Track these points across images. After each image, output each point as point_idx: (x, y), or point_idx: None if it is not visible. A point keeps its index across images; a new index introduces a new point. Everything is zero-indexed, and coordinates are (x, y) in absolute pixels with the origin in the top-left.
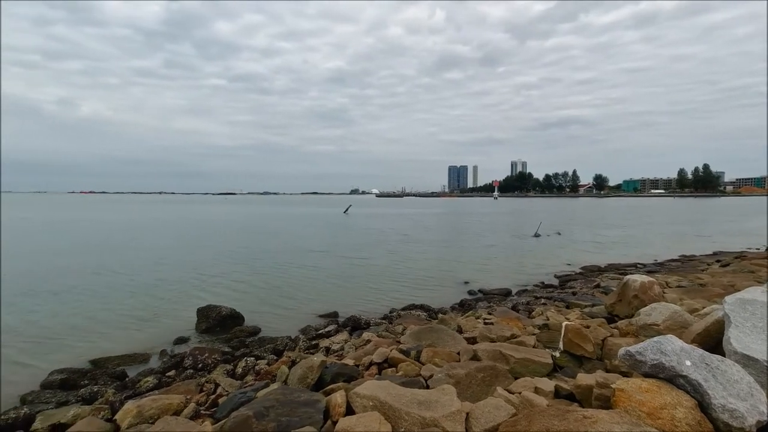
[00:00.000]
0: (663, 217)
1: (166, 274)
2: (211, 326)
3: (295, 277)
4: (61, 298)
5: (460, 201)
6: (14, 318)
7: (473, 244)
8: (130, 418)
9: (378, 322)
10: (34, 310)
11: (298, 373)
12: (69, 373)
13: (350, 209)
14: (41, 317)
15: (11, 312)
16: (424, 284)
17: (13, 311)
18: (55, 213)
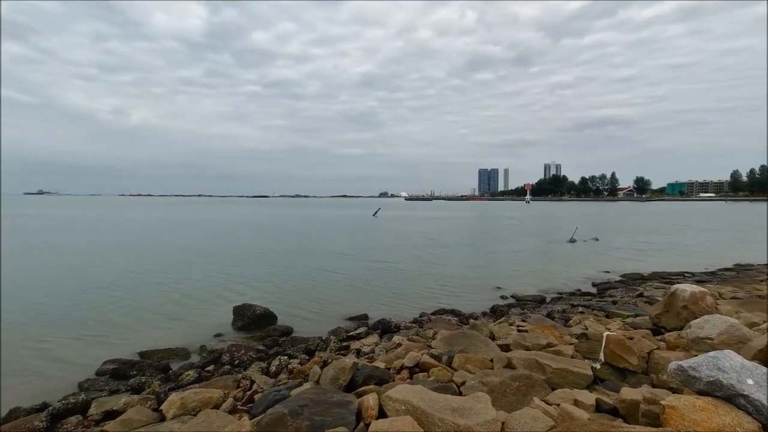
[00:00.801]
0: (713, 223)
1: (204, 272)
2: (246, 324)
3: (326, 279)
4: (111, 293)
5: (490, 204)
6: (75, 311)
7: (504, 248)
8: (175, 409)
9: (408, 326)
10: (88, 304)
11: (330, 374)
12: (119, 363)
13: (379, 212)
14: (95, 311)
15: (71, 305)
16: (453, 289)
17: (71, 305)
18: (105, 214)
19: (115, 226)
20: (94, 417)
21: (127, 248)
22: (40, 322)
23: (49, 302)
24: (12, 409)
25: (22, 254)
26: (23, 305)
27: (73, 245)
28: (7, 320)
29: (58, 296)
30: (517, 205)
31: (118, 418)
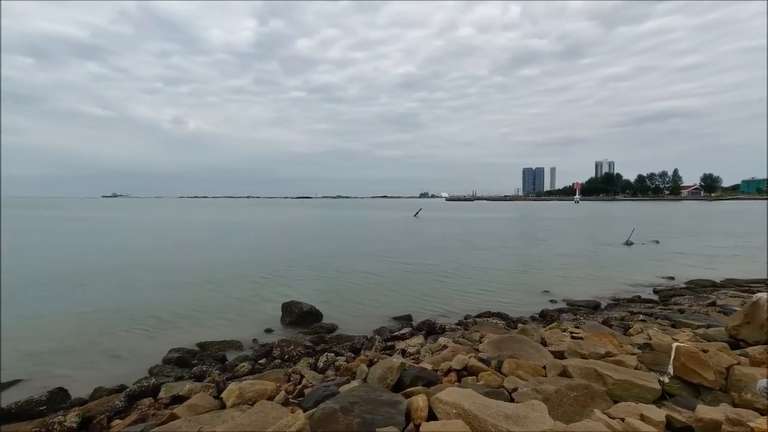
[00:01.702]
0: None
1: (254, 270)
2: (294, 321)
3: (369, 279)
4: (173, 289)
5: (535, 205)
6: (145, 304)
7: (552, 251)
8: (234, 398)
9: (453, 328)
10: (156, 298)
11: (377, 373)
12: (183, 352)
13: (420, 212)
14: (161, 304)
15: (142, 299)
16: (498, 292)
17: (142, 299)
18: (168, 216)
19: (177, 228)
20: (164, 400)
21: (186, 248)
22: (116, 314)
23: (123, 296)
24: (96, 389)
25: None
26: (102, 298)
27: (142, 246)
28: (92, 311)
29: (130, 291)
30: (564, 205)
31: (184, 402)
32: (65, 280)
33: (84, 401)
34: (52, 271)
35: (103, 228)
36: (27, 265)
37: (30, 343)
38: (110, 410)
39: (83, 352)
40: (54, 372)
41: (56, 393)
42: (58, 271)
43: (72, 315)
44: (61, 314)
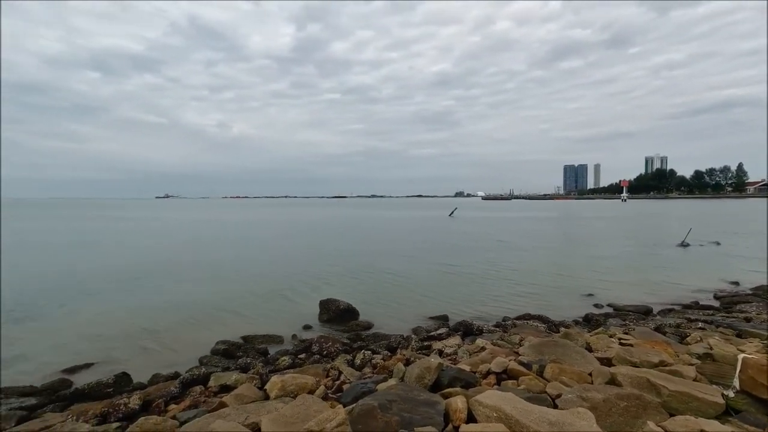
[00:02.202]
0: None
1: (293, 268)
2: (331, 318)
3: (404, 277)
4: (219, 284)
5: (577, 204)
6: (194, 297)
7: (596, 252)
8: (276, 390)
9: (491, 330)
10: (203, 292)
11: (415, 372)
12: (229, 344)
13: (456, 212)
14: (209, 298)
15: (191, 292)
16: (538, 293)
17: (191, 292)
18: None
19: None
20: (213, 388)
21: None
22: (170, 306)
23: (176, 290)
24: (154, 375)
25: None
26: (158, 291)
27: (192, 243)
28: (149, 303)
29: (183, 284)
30: (610, 204)
31: (231, 392)
32: (126, 274)
33: (144, 386)
34: (114, 265)
35: (157, 226)
36: (92, 260)
37: (98, 330)
38: (166, 395)
39: (142, 340)
40: (118, 357)
41: (121, 377)
42: (120, 266)
43: (132, 306)
44: (123, 305)
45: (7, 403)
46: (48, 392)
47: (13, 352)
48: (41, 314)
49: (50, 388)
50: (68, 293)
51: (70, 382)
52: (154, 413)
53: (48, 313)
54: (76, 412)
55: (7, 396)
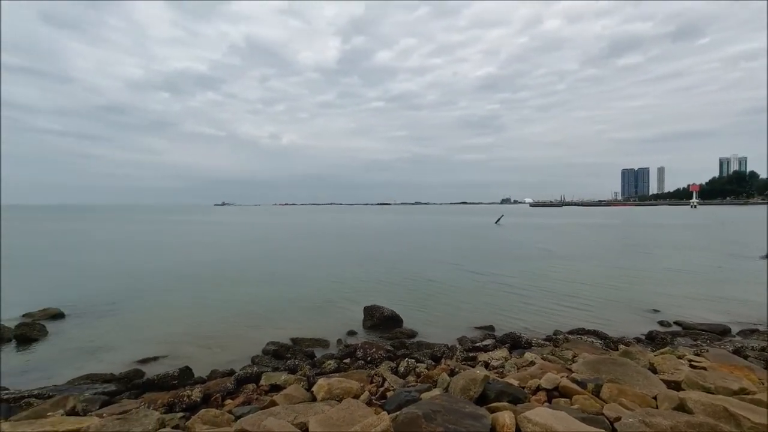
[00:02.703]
0: None
1: (340, 273)
2: (375, 324)
3: (449, 286)
4: (272, 286)
5: (638, 210)
6: (249, 298)
7: (661, 263)
8: (323, 392)
9: (541, 344)
10: (258, 293)
11: (460, 384)
12: (278, 346)
13: (502, 219)
14: (263, 299)
15: (247, 294)
16: (594, 307)
17: (247, 293)
18: (264, 220)
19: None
20: (264, 387)
21: (281, 250)
22: (226, 306)
23: (233, 291)
24: (212, 371)
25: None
26: (216, 292)
27: (247, 248)
28: (208, 302)
29: (239, 286)
30: (677, 210)
31: (281, 392)
32: (190, 275)
33: (203, 380)
34: (179, 266)
35: (217, 231)
36: (160, 260)
37: (164, 326)
38: (223, 390)
39: (202, 338)
40: (181, 352)
41: (184, 371)
42: (184, 267)
43: (193, 304)
44: (186, 304)
45: (92, 387)
46: (124, 380)
47: (97, 342)
48: (118, 310)
49: (126, 377)
50: (140, 291)
51: (142, 372)
52: (213, 406)
53: (123, 309)
54: (147, 400)
55: (92, 381)
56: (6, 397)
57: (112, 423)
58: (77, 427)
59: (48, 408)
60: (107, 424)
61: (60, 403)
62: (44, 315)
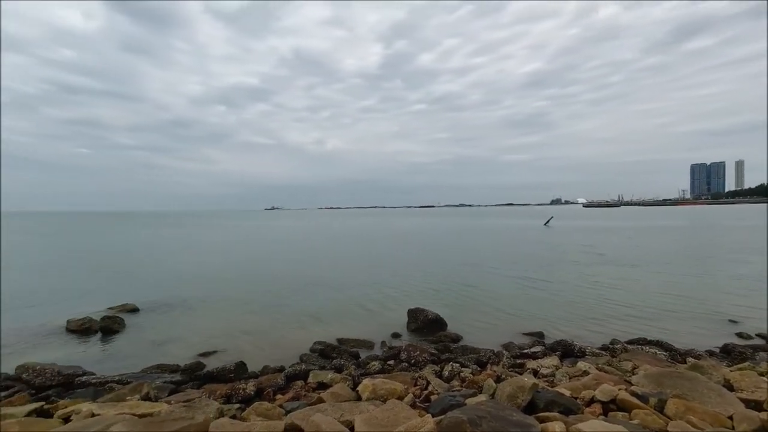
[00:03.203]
0: None
1: (383, 275)
2: (418, 327)
3: (495, 290)
4: (320, 287)
5: (711, 210)
6: (297, 298)
7: (739, 269)
8: (368, 392)
9: (596, 353)
10: (306, 293)
11: (507, 390)
12: (324, 345)
13: (552, 221)
14: (310, 299)
15: (296, 294)
16: (657, 315)
17: (295, 293)
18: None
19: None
20: (312, 384)
21: (328, 253)
22: (276, 305)
23: (282, 290)
24: (264, 366)
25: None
26: (268, 291)
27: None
28: (259, 301)
29: (288, 285)
30: (761, 209)
31: (328, 390)
32: (243, 275)
33: (256, 375)
34: (233, 266)
35: (268, 235)
36: (217, 261)
37: (222, 323)
38: (274, 386)
39: (255, 335)
40: (236, 348)
41: (239, 365)
42: (238, 267)
43: (247, 303)
44: (241, 302)
45: (162, 376)
46: (188, 371)
47: (165, 335)
48: (183, 306)
49: (189, 368)
50: (202, 290)
51: (203, 365)
52: (265, 400)
53: (187, 306)
54: (208, 390)
55: (162, 371)
56: (94, 382)
57: (179, 410)
58: (151, 411)
59: (127, 393)
60: (175, 411)
61: (136, 388)
62: (123, 309)
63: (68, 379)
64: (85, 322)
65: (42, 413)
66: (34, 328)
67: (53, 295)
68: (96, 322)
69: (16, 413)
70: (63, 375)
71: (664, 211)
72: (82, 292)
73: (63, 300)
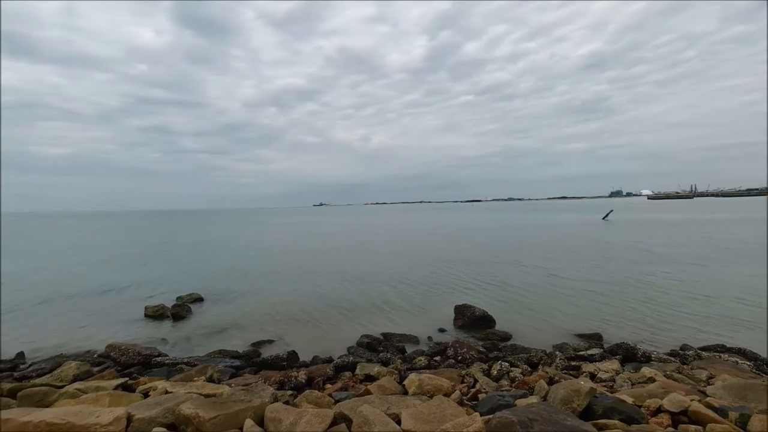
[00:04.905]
0: None
1: (430, 271)
2: (465, 324)
3: (547, 288)
4: (367, 281)
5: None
6: (345, 292)
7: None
8: (414, 387)
9: (663, 359)
10: (354, 288)
11: (560, 393)
12: (371, 339)
13: (611, 215)
14: (358, 293)
15: (344, 288)
16: (739, 321)
17: (344, 287)
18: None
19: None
20: (359, 376)
21: (376, 248)
22: (327, 298)
23: (331, 284)
24: (314, 357)
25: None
26: (319, 285)
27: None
28: (309, 295)
29: (336, 279)
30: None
31: (375, 382)
32: (297, 270)
33: (307, 364)
34: (287, 261)
35: (318, 231)
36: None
37: (275, 314)
38: (324, 376)
39: (305, 326)
40: (288, 338)
41: (291, 354)
42: (291, 261)
43: (299, 296)
44: (293, 295)
45: (223, 361)
46: (246, 357)
47: (225, 323)
48: (241, 297)
49: (247, 354)
50: (259, 282)
51: (259, 352)
52: (315, 389)
53: (245, 297)
54: (263, 376)
55: (223, 356)
56: (167, 362)
57: (239, 393)
58: (215, 392)
59: (194, 374)
60: (236, 393)
61: (202, 371)
62: (190, 299)
63: (146, 359)
64: (159, 309)
65: (126, 388)
66: (120, 313)
67: (134, 284)
68: (168, 309)
69: (107, 386)
70: (142, 355)
71: (747, 202)
72: (157, 282)
73: (141, 288)
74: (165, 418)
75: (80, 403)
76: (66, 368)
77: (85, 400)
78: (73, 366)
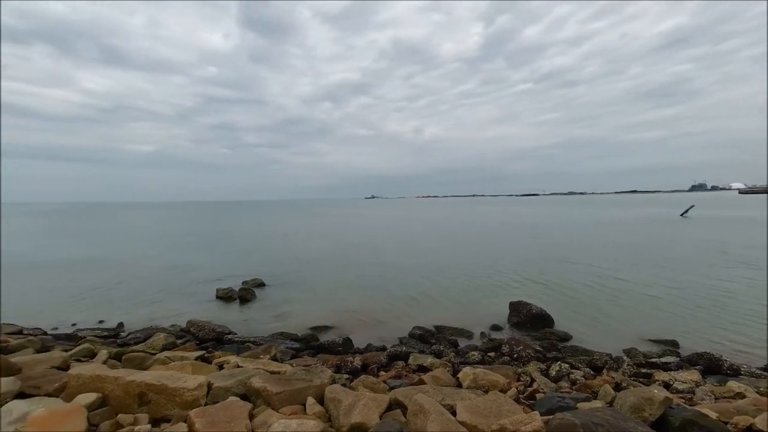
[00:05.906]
0: None
1: (485, 266)
2: (521, 321)
3: (612, 288)
4: (421, 274)
5: None
6: (400, 283)
7: None
8: (468, 381)
9: (755, 373)
10: (408, 280)
11: (630, 400)
12: (423, 330)
13: (692, 210)
14: (412, 285)
15: (399, 279)
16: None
17: (398, 279)
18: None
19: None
20: (412, 366)
21: (426, 241)
22: (381, 288)
23: (386, 275)
24: (368, 344)
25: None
26: (375, 275)
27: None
28: (365, 284)
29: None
30: None
31: (428, 372)
32: (354, 260)
33: (361, 351)
34: (345, 251)
35: (371, 223)
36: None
37: (331, 301)
38: (378, 363)
39: (360, 314)
40: (343, 325)
41: (346, 341)
42: (349, 251)
43: (354, 285)
44: (348, 283)
45: (284, 342)
46: (305, 341)
47: (286, 308)
48: (301, 283)
49: (305, 338)
50: (318, 270)
51: (316, 337)
52: (370, 374)
53: (305, 284)
54: (321, 359)
55: (284, 338)
56: (237, 340)
57: (300, 372)
58: (279, 370)
59: (260, 353)
60: (297, 372)
61: (267, 350)
62: (254, 283)
63: (219, 336)
64: (228, 291)
65: (204, 359)
66: (195, 293)
67: (205, 266)
68: (236, 292)
69: (189, 357)
70: (216, 332)
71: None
72: (224, 267)
73: (212, 271)
74: (238, 388)
75: (169, 369)
76: (156, 339)
77: (173, 367)
78: (161, 337)
